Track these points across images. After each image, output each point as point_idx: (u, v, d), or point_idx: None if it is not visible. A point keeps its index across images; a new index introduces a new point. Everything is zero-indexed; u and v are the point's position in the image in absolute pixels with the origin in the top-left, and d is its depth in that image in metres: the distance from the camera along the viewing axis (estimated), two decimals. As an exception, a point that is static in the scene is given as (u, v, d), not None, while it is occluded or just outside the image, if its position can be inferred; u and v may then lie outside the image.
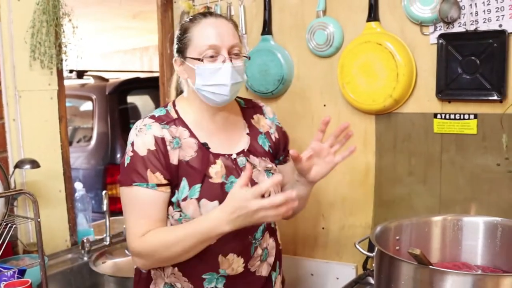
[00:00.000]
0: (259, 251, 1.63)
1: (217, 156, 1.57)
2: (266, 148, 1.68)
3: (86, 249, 2.33)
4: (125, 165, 1.52)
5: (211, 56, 1.51)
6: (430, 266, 1.37)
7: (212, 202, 1.52)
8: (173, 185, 1.53)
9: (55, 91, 2.31)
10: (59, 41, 2.24)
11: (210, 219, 1.42)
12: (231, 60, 1.51)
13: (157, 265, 1.58)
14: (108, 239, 2.46)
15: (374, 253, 1.56)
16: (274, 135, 1.72)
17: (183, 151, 1.54)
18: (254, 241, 1.61)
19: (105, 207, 2.43)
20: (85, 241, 2.33)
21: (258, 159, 1.64)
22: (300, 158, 1.55)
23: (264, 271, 1.66)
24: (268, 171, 1.64)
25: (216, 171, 1.55)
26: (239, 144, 1.63)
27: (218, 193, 1.53)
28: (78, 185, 2.61)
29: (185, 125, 1.57)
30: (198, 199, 1.52)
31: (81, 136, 4.71)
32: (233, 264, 1.58)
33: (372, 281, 1.79)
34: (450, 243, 1.80)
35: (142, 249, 1.50)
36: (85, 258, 2.32)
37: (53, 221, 2.32)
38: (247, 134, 1.66)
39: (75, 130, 4.78)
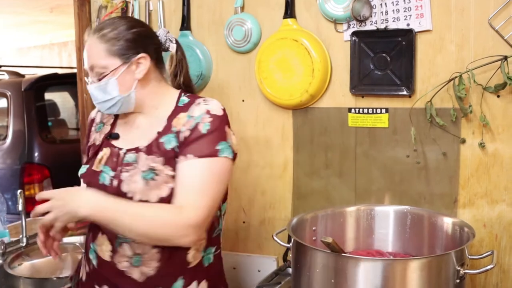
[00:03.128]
0: (127, 251, 1.55)
1: (108, 145, 1.65)
2: (169, 147, 1.55)
3: (1, 251, 2.24)
4: None
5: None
6: (343, 254, 1.43)
7: (84, 184, 1.65)
8: None
9: (-36, 87, 2.21)
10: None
11: None
12: (89, 82, 1.61)
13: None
14: (24, 240, 2.37)
15: (291, 244, 1.61)
16: (184, 134, 1.54)
17: (99, 136, 1.69)
18: (119, 236, 1.55)
19: (20, 207, 2.34)
20: (-1, 243, 2.25)
21: (146, 157, 1.56)
22: None
23: (137, 275, 1.56)
24: (151, 169, 1.53)
25: (100, 159, 1.64)
26: (139, 142, 1.60)
27: (91, 178, 1.62)
28: (-9, 185, 2.51)
29: (116, 115, 1.69)
30: (81, 177, 1.67)
31: (-4, 134, 4.52)
32: (103, 245, 1.59)
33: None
34: (364, 232, 1.89)
35: None
36: (0, 261, 2.23)
37: (-37, 223, 2.22)
38: (158, 132, 1.58)
39: (-12, 128, 4.58)
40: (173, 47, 1.69)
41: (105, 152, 1.64)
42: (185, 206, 1.48)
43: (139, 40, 1.58)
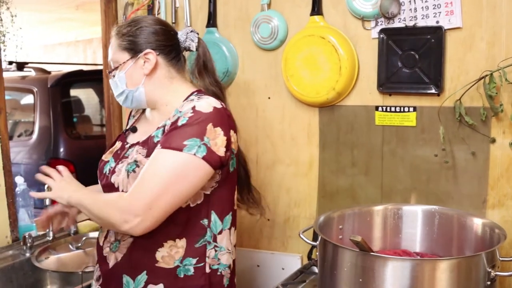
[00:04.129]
0: (112, 237, 1.62)
1: (121, 139, 1.73)
2: (156, 141, 1.58)
3: (28, 245, 2.27)
4: None
5: None
6: (371, 253, 1.42)
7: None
8: None
9: (-7, 83, 2.24)
10: (-4, 30, 2.17)
11: None
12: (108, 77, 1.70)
13: None
14: (51, 234, 2.39)
15: (317, 242, 1.60)
16: (166, 128, 1.56)
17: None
18: None
19: (47, 201, 2.36)
20: (26, 236, 2.27)
21: (137, 151, 1.60)
22: None
23: (111, 261, 1.62)
24: (135, 162, 1.57)
25: (111, 151, 1.72)
26: (142, 137, 1.64)
27: (100, 166, 1.69)
28: (19, 180, 2.53)
29: (143, 111, 1.77)
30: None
31: (22, 130, 4.57)
32: (104, 231, 1.67)
33: (316, 270, 1.83)
34: (391, 232, 1.87)
35: None
36: (27, 254, 2.26)
37: (-8, 216, 2.25)
38: (157, 127, 1.61)
39: (15, 124, 4.63)
40: (193, 47, 1.68)
41: (116, 145, 1.72)
42: (130, 191, 1.49)
43: (148, 36, 1.62)
